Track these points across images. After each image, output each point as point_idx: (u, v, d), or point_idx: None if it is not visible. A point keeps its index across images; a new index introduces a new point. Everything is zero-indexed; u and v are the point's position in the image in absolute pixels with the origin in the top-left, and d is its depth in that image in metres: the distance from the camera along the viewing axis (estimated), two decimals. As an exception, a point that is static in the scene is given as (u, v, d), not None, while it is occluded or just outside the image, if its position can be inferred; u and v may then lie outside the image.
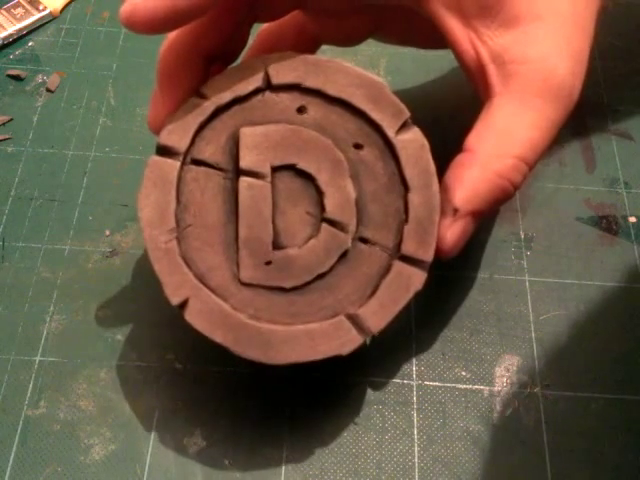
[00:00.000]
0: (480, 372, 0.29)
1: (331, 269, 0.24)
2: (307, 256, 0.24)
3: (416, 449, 0.28)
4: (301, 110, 0.25)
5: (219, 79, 0.25)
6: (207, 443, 0.27)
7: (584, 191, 0.35)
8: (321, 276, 0.24)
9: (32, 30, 0.39)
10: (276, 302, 0.24)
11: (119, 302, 0.31)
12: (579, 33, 0.25)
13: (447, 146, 0.26)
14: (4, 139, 0.35)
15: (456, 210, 0.24)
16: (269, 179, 0.24)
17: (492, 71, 0.25)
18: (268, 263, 0.24)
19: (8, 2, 0.39)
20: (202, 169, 0.25)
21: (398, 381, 0.29)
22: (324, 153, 0.24)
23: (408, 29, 0.29)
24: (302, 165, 0.24)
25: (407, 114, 0.25)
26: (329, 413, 0.28)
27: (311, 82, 0.25)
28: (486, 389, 0.29)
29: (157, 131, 0.25)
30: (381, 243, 0.24)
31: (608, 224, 0.34)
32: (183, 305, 0.24)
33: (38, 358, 0.29)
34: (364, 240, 0.24)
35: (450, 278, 0.32)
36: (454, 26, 0.25)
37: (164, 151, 0.24)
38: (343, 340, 0.23)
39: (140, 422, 0.28)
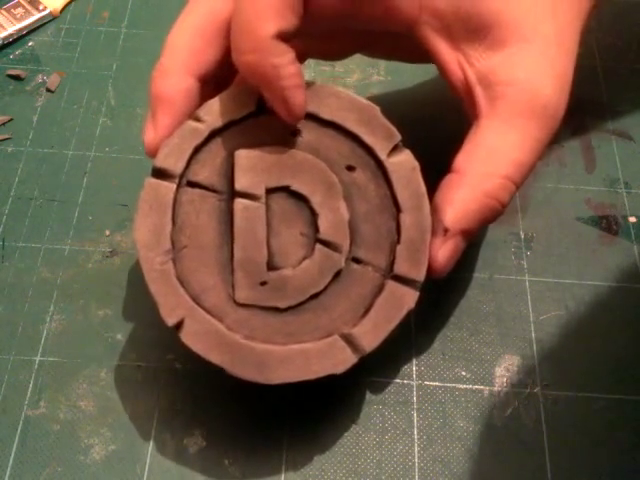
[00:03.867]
0: (480, 372, 0.29)
1: (325, 289, 0.24)
2: (301, 276, 0.24)
3: (416, 449, 0.28)
4: (295, 133, 0.25)
5: (214, 103, 0.25)
6: (207, 443, 0.27)
7: (584, 191, 0.35)
8: (315, 296, 0.24)
9: (32, 30, 0.39)
10: (271, 322, 0.24)
11: (119, 302, 0.31)
12: (563, 54, 0.26)
13: (445, 148, 0.26)
14: (4, 139, 0.35)
15: (446, 230, 0.25)
16: (264, 200, 0.25)
17: (479, 92, 0.25)
18: (263, 283, 0.24)
19: (8, 2, 0.39)
20: (197, 191, 0.25)
21: (398, 381, 0.29)
22: (318, 175, 0.25)
23: (394, 48, 0.30)
24: (296, 187, 0.25)
25: (398, 137, 0.25)
26: (329, 413, 0.28)
27: None
28: (486, 389, 0.29)
29: (153, 154, 0.25)
30: (374, 263, 0.25)
31: (608, 224, 0.34)
32: (179, 326, 0.24)
33: (38, 358, 0.29)
34: (357, 260, 0.25)
35: (450, 278, 0.32)
36: (443, 49, 0.26)
37: (160, 174, 0.25)
38: (337, 359, 0.24)
39: (140, 422, 0.28)
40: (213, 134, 0.25)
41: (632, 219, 0.34)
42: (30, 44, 0.39)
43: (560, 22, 0.26)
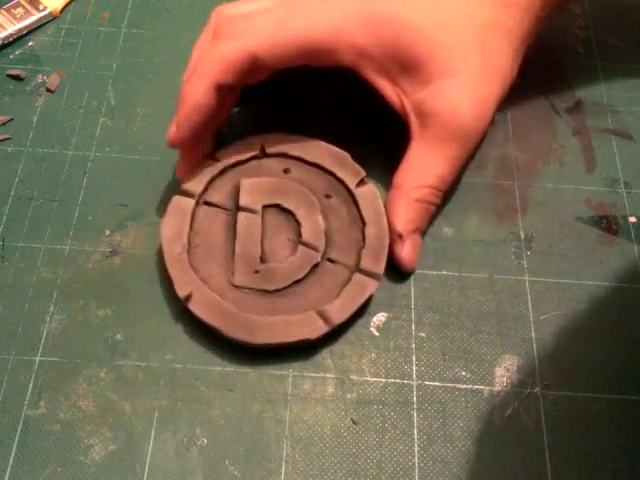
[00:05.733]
0: (480, 372, 0.29)
1: (305, 278, 0.31)
2: (286, 267, 0.31)
3: (416, 449, 0.28)
4: (286, 171, 0.33)
5: (229, 148, 0.33)
6: (207, 443, 0.28)
7: (584, 191, 0.35)
8: (297, 282, 0.30)
9: (32, 30, 0.39)
10: (261, 301, 0.30)
11: (119, 302, 0.31)
12: (486, 84, 0.31)
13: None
14: (4, 139, 0.35)
15: (400, 235, 0.31)
16: (260, 214, 0.32)
17: (413, 119, 0.31)
18: (256, 272, 0.31)
19: (8, 2, 0.40)
20: (211, 209, 0.32)
21: (398, 381, 0.29)
22: (302, 196, 0.32)
23: None
24: (285, 204, 0.32)
25: (363, 174, 0.33)
26: (329, 413, 0.28)
27: (294, 152, 0.33)
28: (486, 389, 0.29)
29: (183, 182, 0.32)
30: (344, 262, 0.31)
31: (608, 224, 0.34)
32: (188, 298, 0.29)
33: (38, 358, 0.29)
34: (331, 260, 0.31)
35: (450, 278, 0.32)
36: (384, 85, 0.32)
37: (184, 193, 0.32)
38: (312, 328, 0.29)
39: (140, 422, 0.28)
40: (226, 169, 0.33)
41: (632, 219, 0.34)
42: (30, 44, 0.39)
43: (488, 53, 0.31)
